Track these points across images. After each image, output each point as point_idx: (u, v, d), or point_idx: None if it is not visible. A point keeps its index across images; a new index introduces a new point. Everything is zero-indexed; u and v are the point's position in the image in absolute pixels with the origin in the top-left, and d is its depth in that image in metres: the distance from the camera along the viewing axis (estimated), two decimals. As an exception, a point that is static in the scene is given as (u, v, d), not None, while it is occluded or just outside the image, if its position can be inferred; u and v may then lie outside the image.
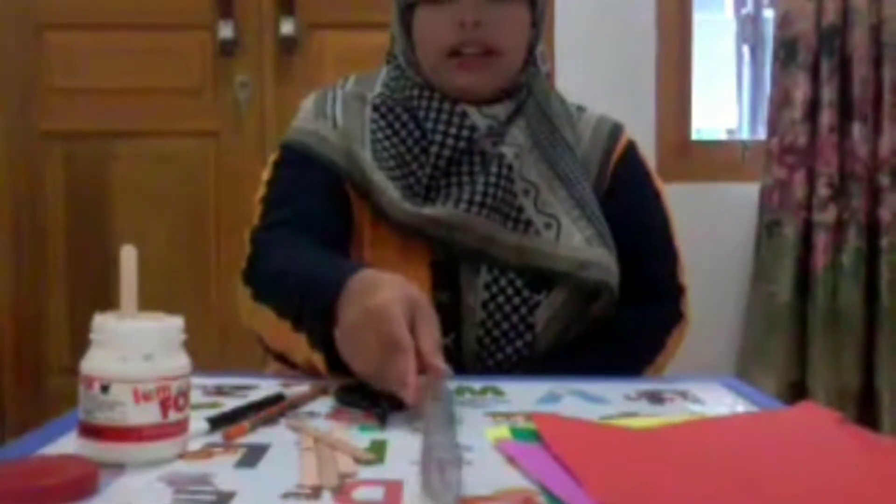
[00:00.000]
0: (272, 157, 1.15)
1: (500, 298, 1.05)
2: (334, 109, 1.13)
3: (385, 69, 1.16)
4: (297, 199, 1.08)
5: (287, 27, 2.27)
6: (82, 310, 2.46)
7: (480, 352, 1.06)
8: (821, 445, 0.73)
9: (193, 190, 2.36)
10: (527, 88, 1.13)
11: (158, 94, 2.35)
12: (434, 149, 1.07)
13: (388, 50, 1.17)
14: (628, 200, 1.15)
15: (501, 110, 1.09)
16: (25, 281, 2.37)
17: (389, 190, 1.06)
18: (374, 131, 1.10)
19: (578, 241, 1.07)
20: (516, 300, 1.05)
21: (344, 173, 1.09)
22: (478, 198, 1.05)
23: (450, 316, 1.05)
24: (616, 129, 1.19)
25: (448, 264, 1.07)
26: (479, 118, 1.07)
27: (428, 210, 1.05)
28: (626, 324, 1.10)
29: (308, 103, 1.17)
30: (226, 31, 2.28)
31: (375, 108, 1.12)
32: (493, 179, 1.06)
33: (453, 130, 1.07)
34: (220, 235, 2.34)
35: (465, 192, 1.06)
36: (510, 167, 1.08)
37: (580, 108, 1.22)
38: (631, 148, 1.19)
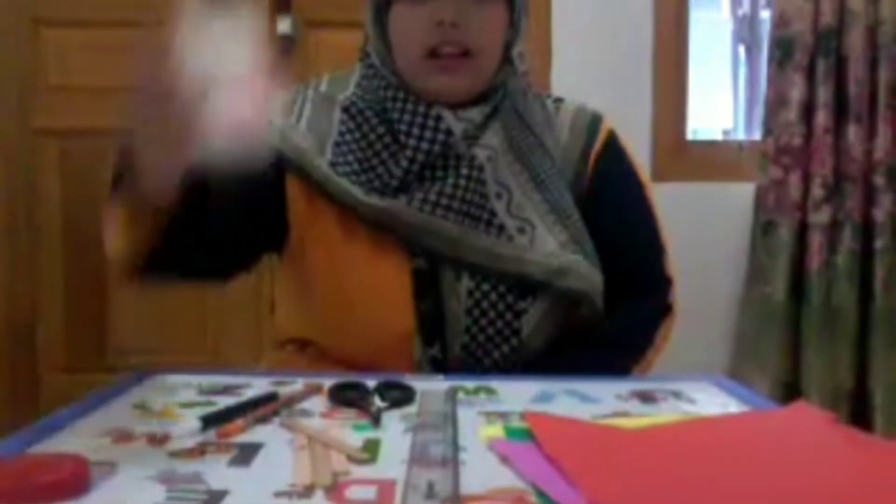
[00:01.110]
0: None
1: (485, 304, 1.03)
2: (302, 110, 1.10)
3: (358, 68, 1.13)
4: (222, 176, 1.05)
5: (284, 25, 2.27)
6: (77, 308, 2.46)
7: (467, 359, 1.04)
8: (813, 446, 0.73)
9: (189, 188, 2.35)
10: (503, 90, 1.09)
11: (155, 92, 2.34)
12: (408, 153, 1.03)
13: (361, 47, 1.13)
14: (612, 195, 1.13)
15: (477, 113, 1.06)
16: (20, 279, 2.36)
17: (353, 189, 1.03)
18: (342, 133, 1.07)
19: (552, 247, 1.04)
20: (501, 306, 1.03)
21: (299, 178, 1.05)
22: (444, 200, 1.03)
23: (434, 324, 1.04)
24: (594, 122, 1.16)
25: (429, 273, 1.04)
26: (454, 121, 1.04)
27: (390, 203, 1.02)
28: (614, 321, 1.08)
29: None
30: (222, 28, 2.27)
31: (345, 110, 1.09)
32: (462, 182, 1.04)
33: (428, 134, 1.03)
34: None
35: (431, 193, 1.03)
36: (481, 168, 1.05)
37: (557, 100, 1.18)
38: (611, 140, 1.16)
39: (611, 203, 1.12)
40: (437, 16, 1.01)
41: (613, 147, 1.15)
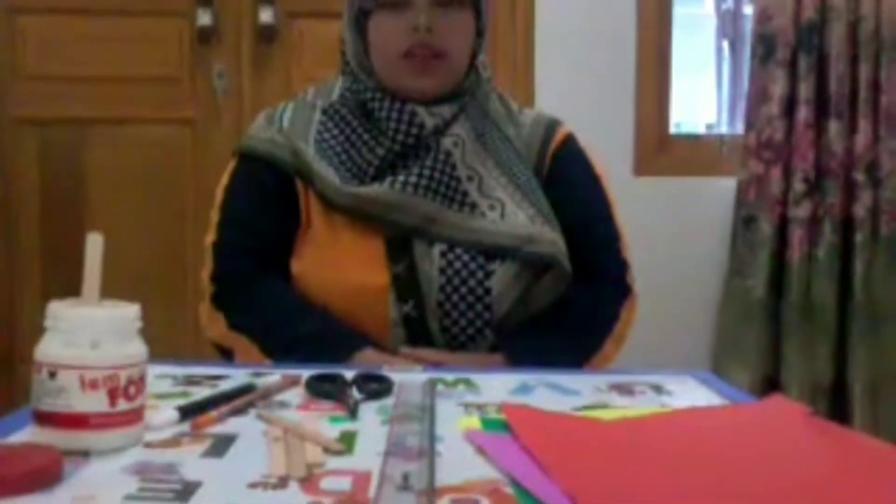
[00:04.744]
0: (230, 165, 1.24)
1: (458, 264, 1.12)
2: (283, 117, 1.22)
3: (341, 79, 1.24)
4: (255, 221, 1.19)
5: (266, 15, 2.26)
6: (55, 298, 2.43)
7: (443, 319, 1.12)
8: (788, 439, 0.73)
9: (170, 179, 2.34)
10: (469, 92, 1.21)
11: (135, 82, 2.33)
12: (387, 143, 1.16)
13: (341, 59, 1.23)
14: (569, 183, 1.23)
15: (447, 110, 1.18)
16: (-2, 268, 2.34)
17: (330, 176, 1.14)
18: (321, 132, 1.20)
19: (522, 219, 1.14)
20: (472, 265, 1.13)
21: (291, 169, 1.17)
22: (413, 178, 1.13)
23: (407, 283, 1.12)
24: (554, 123, 1.28)
25: (402, 241, 1.13)
26: (427, 117, 1.16)
27: (364, 189, 1.13)
28: (579, 302, 1.17)
29: (260, 118, 1.25)
30: (204, 18, 2.26)
31: (324, 112, 1.22)
32: (430, 163, 1.15)
33: (403, 127, 1.15)
34: (197, 224, 2.32)
35: (405, 175, 1.14)
36: (448, 153, 1.16)
37: (521, 108, 1.30)
38: (569, 138, 1.27)
39: (567, 191, 1.22)
40: (413, 22, 1.14)
41: (570, 144, 1.27)
